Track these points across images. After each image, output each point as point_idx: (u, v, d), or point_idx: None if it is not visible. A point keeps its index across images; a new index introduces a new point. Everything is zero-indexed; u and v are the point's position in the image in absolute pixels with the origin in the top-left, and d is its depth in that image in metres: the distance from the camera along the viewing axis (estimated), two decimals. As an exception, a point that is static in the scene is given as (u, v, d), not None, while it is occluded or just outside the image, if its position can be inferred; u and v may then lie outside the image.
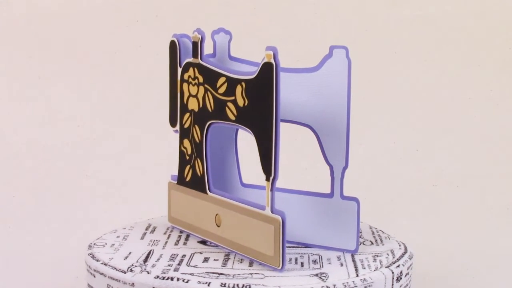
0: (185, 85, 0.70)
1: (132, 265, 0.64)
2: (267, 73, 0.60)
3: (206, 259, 0.66)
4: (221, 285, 0.60)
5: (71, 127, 1.11)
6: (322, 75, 0.67)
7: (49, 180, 1.08)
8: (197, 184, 0.70)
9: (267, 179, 0.62)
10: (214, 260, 0.66)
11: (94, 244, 0.69)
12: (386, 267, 0.65)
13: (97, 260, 0.65)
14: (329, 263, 0.66)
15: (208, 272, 0.62)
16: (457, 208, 1.06)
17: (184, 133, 0.70)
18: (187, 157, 0.70)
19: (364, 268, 0.65)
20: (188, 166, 0.70)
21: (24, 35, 1.12)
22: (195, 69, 0.68)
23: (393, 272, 0.65)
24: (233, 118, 0.65)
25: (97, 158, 1.10)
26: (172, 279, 0.61)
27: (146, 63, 1.08)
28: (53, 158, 1.09)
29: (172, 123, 0.72)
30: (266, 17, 1.13)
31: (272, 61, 0.60)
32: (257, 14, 1.13)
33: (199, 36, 0.68)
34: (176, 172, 0.73)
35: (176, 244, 0.69)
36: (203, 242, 0.70)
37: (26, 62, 1.12)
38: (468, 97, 1.11)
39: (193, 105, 0.69)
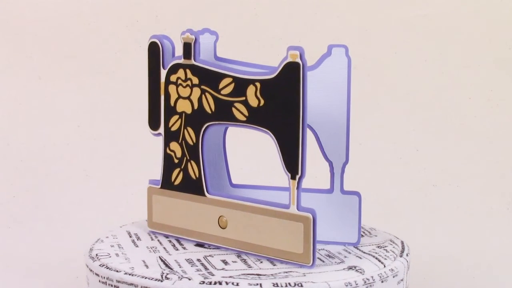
0: (171, 87, 0.69)
1: (163, 272, 0.62)
2: (292, 73, 0.61)
3: (225, 262, 0.65)
4: (273, 285, 0.59)
5: (71, 127, 1.11)
6: (320, 73, 0.68)
7: (49, 180, 1.08)
8: (191, 187, 0.69)
9: (293, 177, 0.62)
10: (233, 262, 0.65)
11: (97, 255, 0.66)
12: (400, 256, 0.67)
13: (118, 271, 0.63)
14: (346, 257, 0.67)
15: (244, 274, 0.62)
16: (457, 208, 1.06)
17: (171, 136, 0.69)
18: (176, 160, 0.69)
19: (385, 259, 0.66)
20: (177, 170, 0.69)
21: (24, 35, 1.12)
22: (187, 70, 0.68)
23: (407, 261, 0.67)
24: (243, 118, 0.65)
25: (97, 158, 1.10)
26: (220, 283, 0.59)
27: (146, 63, 1.08)
28: (53, 158, 1.09)
29: (154, 126, 0.71)
30: (266, 17, 1.13)
31: (299, 60, 0.60)
32: (257, 14, 1.13)
33: (193, 37, 0.67)
34: (151, 177, 0.72)
35: (176, 250, 0.68)
36: (201, 245, 0.69)
37: (26, 62, 1.12)
38: (468, 97, 1.11)
39: (184, 107, 0.68)
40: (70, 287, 0.86)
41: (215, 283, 0.59)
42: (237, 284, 0.59)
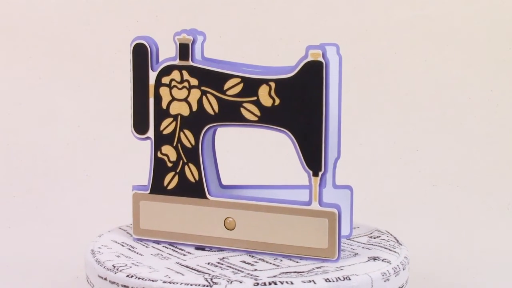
0: (163, 89, 0.68)
1: (206, 278, 0.60)
2: (313, 71, 0.62)
3: (247, 263, 0.65)
4: (326, 281, 0.60)
5: (71, 127, 1.11)
6: None
7: (49, 180, 1.08)
8: (189, 190, 0.68)
9: (315, 174, 0.63)
10: (255, 262, 0.65)
11: (114, 266, 0.63)
12: (400, 244, 0.70)
13: (154, 280, 0.60)
14: (353, 249, 0.68)
15: (284, 273, 0.62)
16: (457, 208, 1.06)
17: (163, 140, 0.68)
18: (169, 164, 0.68)
19: (395, 248, 0.68)
20: (171, 174, 0.68)
21: (24, 35, 1.12)
22: (184, 72, 0.67)
23: (406, 249, 0.69)
24: (254, 118, 0.65)
25: (97, 158, 1.10)
26: (275, 283, 0.59)
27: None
28: (53, 158, 1.09)
29: (141, 130, 0.69)
30: (266, 17, 1.13)
31: (321, 59, 0.62)
32: (257, 14, 1.13)
33: (190, 37, 0.67)
34: (135, 182, 0.71)
35: (184, 255, 0.67)
36: (201, 249, 0.69)
37: (26, 62, 1.12)
38: (468, 97, 1.11)
39: (179, 109, 0.67)
40: (70, 287, 0.86)
41: (269, 283, 0.59)
42: (292, 283, 0.59)
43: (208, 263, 0.65)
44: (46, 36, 1.12)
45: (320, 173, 0.63)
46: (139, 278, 0.61)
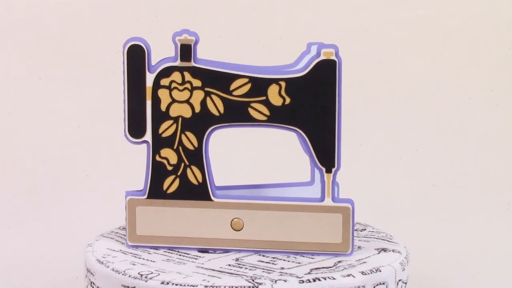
0: (162, 91, 0.67)
1: (248, 280, 0.60)
2: (326, 70, 0.63)
3: (268, 262, 0.65)
4: (362, 274, 0.61)
5: (71, 127, 1.11)
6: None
7: (49, 180, 1.08)
8: (191, 193, 0.67)
9: (328, 171, 0.65)
10: (272, 260, 0.65)
11: (141, 274, 0.61)
12: (391, 235, 0.71)
13: (194, 286, 0.58)
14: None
15: (313, 269, 0.62)
16: (457, 208, 1.06)
17: (163, 143, 0.67)
18: (169, 168, 0.67)
19: (391, 239, 0.70)
20: (171, 177, 0.67)
21: (24, 35, 1.12)
22: (185, 73, 0.66)
23: (399, 238, 0.71)
24: (263, 118, 0.65)
25: (97, 158, 1.10)
26: (319, 279, 0.60)
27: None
28: (53, 158, 1.09)
29: (137, 134, 0.68)
30: (266, 17, 1.13)
31: (334, 58, 0.63)
32: (257, 14, 1.13)
33: (193, 38, 0.66)
34: (127, 187, 0.70)
35: (196, 258, 0.66)
36: (205, 251, 0.67)
37: (26, 62, 1.12)
38: (468, 97, 1.11)
39: (180, 111, 0.67)
40: (70, 287, 0.86)
41: (314, 280, 0.59)
42: (334, 278, 0.60)
43: (229, 265, 0.64)
44: (46, 36, 1.12)
45: (333, 170, 0.65)
46: (176, 285, 0.59)
